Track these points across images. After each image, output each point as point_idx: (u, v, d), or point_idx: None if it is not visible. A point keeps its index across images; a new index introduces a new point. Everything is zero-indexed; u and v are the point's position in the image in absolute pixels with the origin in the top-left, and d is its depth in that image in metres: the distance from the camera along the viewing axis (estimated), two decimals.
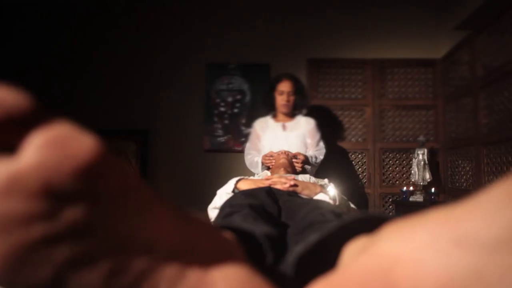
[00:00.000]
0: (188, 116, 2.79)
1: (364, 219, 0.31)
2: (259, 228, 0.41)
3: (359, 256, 0.21)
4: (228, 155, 2.74)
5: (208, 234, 0.25)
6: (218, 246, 0.25)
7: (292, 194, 1.19)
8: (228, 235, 0.30)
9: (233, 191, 1.32)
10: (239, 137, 2.74)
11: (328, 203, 1.04)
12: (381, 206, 2.70)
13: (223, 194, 1.31)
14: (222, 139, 2.76)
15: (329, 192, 1.30)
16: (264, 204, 0.89)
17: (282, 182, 1.31)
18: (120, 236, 0.19)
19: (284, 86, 2.01)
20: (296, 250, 0.30)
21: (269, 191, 1.05)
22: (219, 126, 2.77)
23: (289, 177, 1.37)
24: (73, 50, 2.87)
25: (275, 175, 1.45)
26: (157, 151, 2.76)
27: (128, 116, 2.80)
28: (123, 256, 0.19)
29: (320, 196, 1.27)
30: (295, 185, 1.30)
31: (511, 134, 1.90)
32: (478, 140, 2.20)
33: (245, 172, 2.08)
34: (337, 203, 1.27)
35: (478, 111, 2.21)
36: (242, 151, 2.33)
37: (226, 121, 2.77)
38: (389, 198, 2.70)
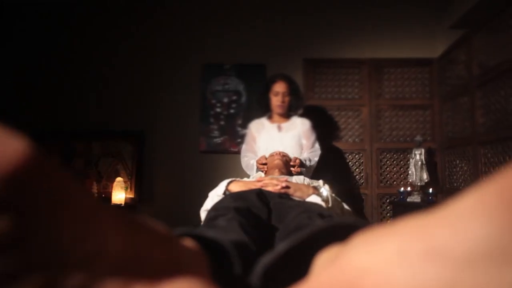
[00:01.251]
0: (185, 117, 2.78)
1: (337, 226, 0.30)
2: (227, 236, 0.39)
3: (328, 267, 0.20)
4: (224, 156, 2.73)
5: (161, 244, 0.24)
6: (171, 257, 0.24)
7: (283, 196, 1.18)
8: (190, 244, 0.28)
9: (224, 193, 1.30)
10: (235, 138, 2.72)
11: (318, 206, 1.03)
12: (378, 206, 2.69)
13: (214, 196, 1.30)
14: (218, 140, 2.74)
15: (322, 194, 1.28)
16: (253, 206, 0.88)
17: (273, 184, 1.29)
18: (52, 250, 0.18)
19: (279, 87, 1.99)
20: (263, 260, 0.29)
21: (260, 193, 1.03)
22: (215, 127, 2.75)
23: (281, 179, 1.35)
24: (73, 50, 2.87)
25: (268, 177, 1.43)
26: (153, 152, 2.75)
27: (125, 117, 2.79)
28: (56, 272, 0.18)
29: (312, 198, 1.25)
30: (287, 187, 1.28)
31: (508, 133, 1.89)
32: (475, 139, 2.19)
33: (241, 173, 2.07)
34: (330, 204, 1.25)
35: (475, 110, 2.19)
36: (238, 152, 2.31)
37: (222, 122, 2.76)
38: (387, 198, 2.68)
